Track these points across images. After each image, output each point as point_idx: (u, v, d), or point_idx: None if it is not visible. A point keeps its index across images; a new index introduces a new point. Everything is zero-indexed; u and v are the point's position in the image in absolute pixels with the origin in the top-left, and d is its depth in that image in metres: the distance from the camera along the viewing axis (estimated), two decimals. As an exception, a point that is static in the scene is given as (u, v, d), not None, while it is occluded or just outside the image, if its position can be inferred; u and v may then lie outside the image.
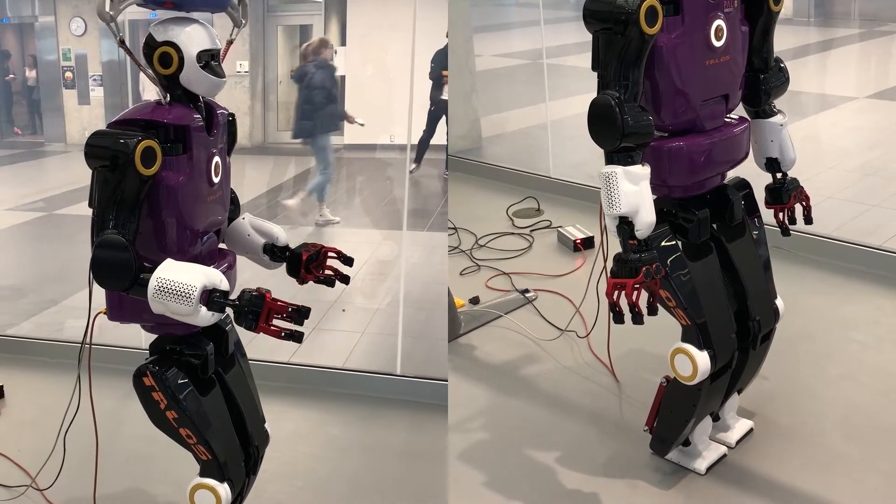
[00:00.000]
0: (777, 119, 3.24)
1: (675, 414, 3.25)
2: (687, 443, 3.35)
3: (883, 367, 4.03)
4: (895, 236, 5.34)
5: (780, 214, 3.32)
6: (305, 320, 2.47)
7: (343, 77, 14.85)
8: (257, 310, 2.45)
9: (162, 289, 2.41)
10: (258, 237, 3.00)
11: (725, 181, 3.22)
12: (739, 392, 3.51)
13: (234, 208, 3.03)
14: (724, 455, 3.39)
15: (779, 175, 3.29)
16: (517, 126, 9.05)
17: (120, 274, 2.45)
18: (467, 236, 5.97)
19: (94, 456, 3.09)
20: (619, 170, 2.72)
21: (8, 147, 15.53)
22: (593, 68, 2.83)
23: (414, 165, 9.99)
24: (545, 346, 4.40)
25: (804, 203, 3.33)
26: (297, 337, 2.44)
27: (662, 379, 3.27)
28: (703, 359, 3.01)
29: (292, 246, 3.01)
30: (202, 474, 2.83)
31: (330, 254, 3.02)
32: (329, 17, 15.33)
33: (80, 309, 2.91)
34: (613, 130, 2.70)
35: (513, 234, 6.08)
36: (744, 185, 3.28)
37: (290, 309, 2.46)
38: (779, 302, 3.37)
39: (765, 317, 3.29)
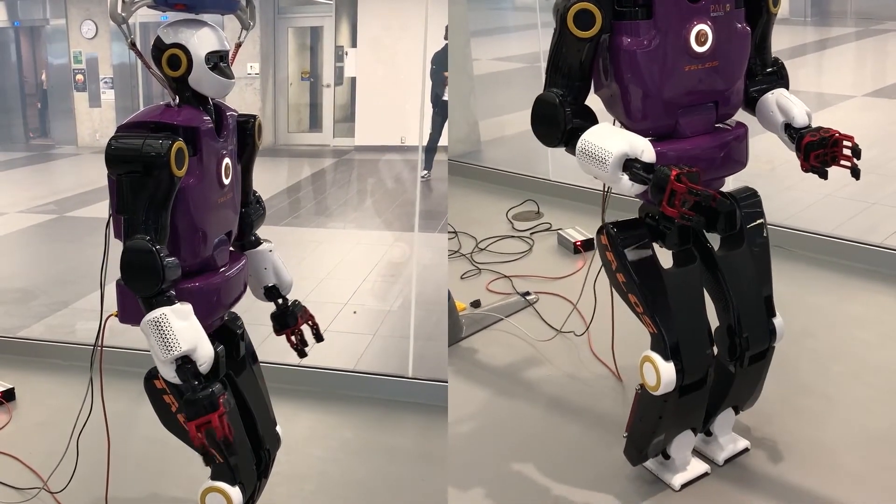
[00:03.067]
0: (768, 95, 3.01)
1: (643, 423, 3.14)
2: (667, 455, 3.24)
3: (886, 365, 4.00)
4: (895, 233, 5.33)
5: (823, 157, 2.83)
6: (232, 454, 2.45)
7: (353, 79, 14.90)
8: (203, 411, 2.42)
9: (156, 324, 2.42)
10: (271, 276, 3.09)
11: (727, 189, 3.08)
12: (737, 411, 3.38)
13: (259, 207, 3.07)
14: (706, 474, 3.26)
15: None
16: (516, 129, 8.98)
17: (148, 278, 2.44)
18: (467, 240, 5.96)
19: (105, 458, 3.08)
20: (585, 135, 2.71)
21: (20, 150, 15.59)
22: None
23: (425, 172, 9.99)
24: (547, 349, 4.38)
25: (843, 141, 2.81)
26: (208, 459, 2.39)
27: (637, 386, 3.13)
28: (667, 370, 2.92)
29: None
30: (213, 477, 2.81)
31: (310, 322, 3.15)
32: (340, 18, 15.36)
33: (91, 311, 2.91)
34: (554, 128, 2.78)
35: (513, 237, 6.05)
36: (747, 196, 3.11)
37: (223, 433, 2.42)
38: (778, 321, 3.19)
39: (755, 335, 3.13)
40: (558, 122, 2.78)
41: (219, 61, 2.63)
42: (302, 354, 3.18)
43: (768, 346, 3.21)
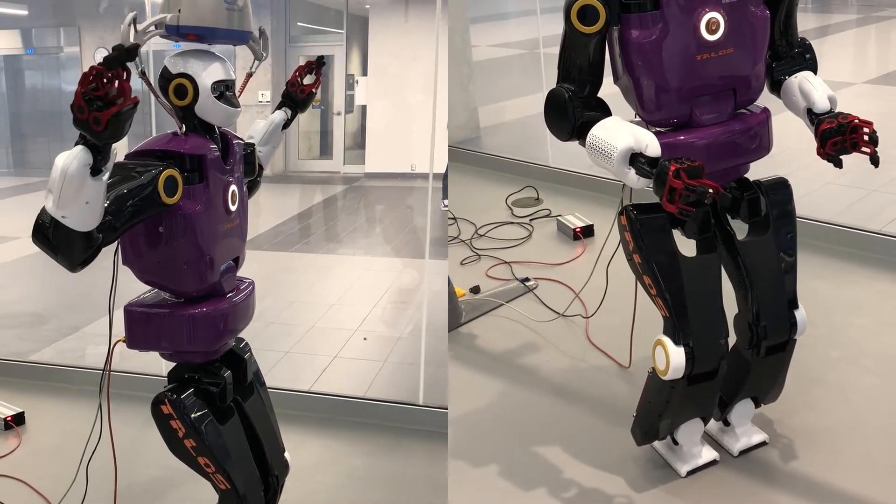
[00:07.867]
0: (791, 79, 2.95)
1: (651, 406, 3.16)
2: (676, 441, 3.25)
3: (884, 352, 4.00)
4: (895, 220, 5.33)
5: (842, 144, 2.72)
6: None
7: (364, 107, 14.97)
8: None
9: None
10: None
11: (758, 178, 3.09)
12: (757, 404, 3.38)
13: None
14: (714, 461, 3.27)
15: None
16: (515, 115, 9.00)
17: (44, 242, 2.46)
18: (467, 226, 6.00)
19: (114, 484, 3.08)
20: (593, 130, 2.76)
21: (33, 175, 15.66)
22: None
23: (446, 202, 9.96)
24: (546, 334, 4.39)
25: (862, 128, 2.70)
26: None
27: (649, 368, 3.13)
28: (677, 355, 2.92)
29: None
30: (221, 504, 2.82)
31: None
32: (350, 47, 15.46)
33: (101, 335, 2.92)
34: (565, 122, 2.84)
35: (512, 223, 6.08)
36: (775, 185, 3.10)
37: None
38: (799, 314, 3.16)
39: (773, 324, 3.10)
40: (568, 117, 2.83)
41: (225, 90, 2.65)
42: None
43: (788, 338, 3.18)
